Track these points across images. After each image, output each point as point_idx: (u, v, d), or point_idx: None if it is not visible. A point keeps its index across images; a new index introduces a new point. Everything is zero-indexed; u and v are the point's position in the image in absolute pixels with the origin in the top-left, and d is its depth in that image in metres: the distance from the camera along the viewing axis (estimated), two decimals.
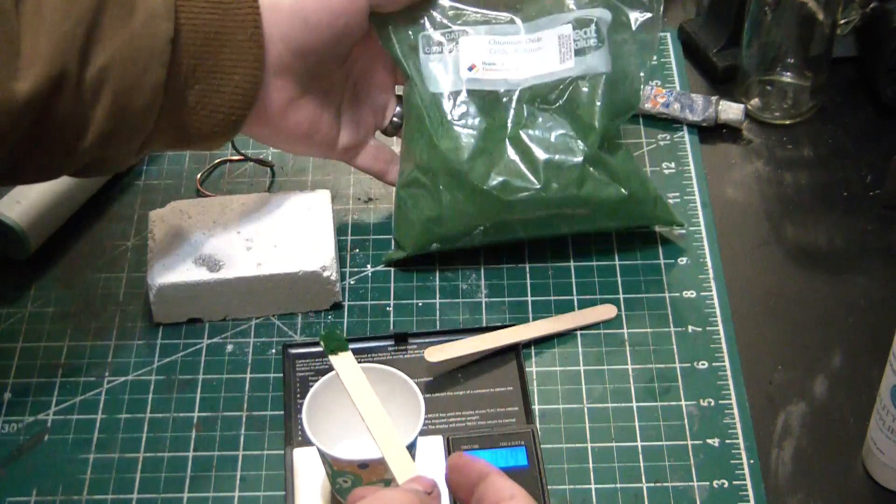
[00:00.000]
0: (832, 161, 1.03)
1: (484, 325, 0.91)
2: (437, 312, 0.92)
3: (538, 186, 0.89)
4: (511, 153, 0.90)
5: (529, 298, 0.93)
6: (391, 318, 0.92)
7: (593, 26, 0.92)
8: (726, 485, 0.81)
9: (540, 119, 0.91)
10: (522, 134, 0.90)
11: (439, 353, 0.87)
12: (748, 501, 0.80)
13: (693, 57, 1.12)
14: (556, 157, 0.90)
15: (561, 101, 0.91)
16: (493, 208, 0.90)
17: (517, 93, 0.91)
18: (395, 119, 0.96)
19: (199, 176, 1.02)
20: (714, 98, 1.05)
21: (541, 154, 0.90)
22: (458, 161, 0.90)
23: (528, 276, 0.94)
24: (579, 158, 0.90)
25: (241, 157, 1.03)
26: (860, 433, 0.82)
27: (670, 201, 0.99)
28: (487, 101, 0.91)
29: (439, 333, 0.90)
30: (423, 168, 0.91)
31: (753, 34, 1.03)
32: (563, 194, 0.90)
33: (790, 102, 1.06)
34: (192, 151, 1.03)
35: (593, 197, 0.91)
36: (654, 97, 1.05)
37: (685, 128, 1.05)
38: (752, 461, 0.82)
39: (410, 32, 0.92)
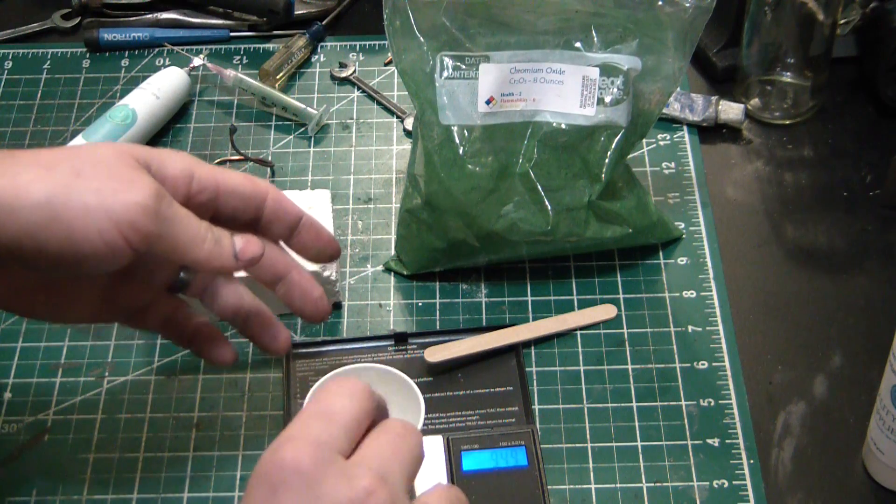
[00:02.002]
0: (832, 161, 1.03)
1: (484, 325, 0.91)
2: (437, 312, 0.92)
3: (547, 229, 0.89)
4: (520, 193, 0.88)
5: (529, 298, 0.93)
6: (391, 318, 0.92)
7: (621, 77, 0.88)
8: (726, 485, 0.81)
9: (550, 157, 0.89)
10: (532, 172, 0.88)
11: (439, 353, 0.87)
12: (748, 501, 0.80)
13: (693, 57, 1.11)
14: (565, 199, 0.89)
15: (574, 146, 0.89)
16: (500, 245, 0.90)
17: (531, 127, 0.89)
18: (182, 277, 0.77)
19: None
20: (714, 98, 1.05)
21: (549, 195, 0.88)
22: (468, 204, 0.88)
23: (528, 275, 0.94)
24: (586, 201, 0.89)
25: (241, 157, 1.03)
26: (860, 433, 0.82)
27: (670, 201, 0.99)
28: (501, 136, 0.89)
29: (439, 333, 0.90)
30: (430, 204, 0.90)
31: (753, 34, 1.03)
32: (569, 235, 0.89)
33: (790, 102, 1.06)
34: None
35: (598, 235, 0.90)
36: None
37: (685, 128, 1.05)
38: (752, 461, 0.82)
39: (427, 51, 0.88)
